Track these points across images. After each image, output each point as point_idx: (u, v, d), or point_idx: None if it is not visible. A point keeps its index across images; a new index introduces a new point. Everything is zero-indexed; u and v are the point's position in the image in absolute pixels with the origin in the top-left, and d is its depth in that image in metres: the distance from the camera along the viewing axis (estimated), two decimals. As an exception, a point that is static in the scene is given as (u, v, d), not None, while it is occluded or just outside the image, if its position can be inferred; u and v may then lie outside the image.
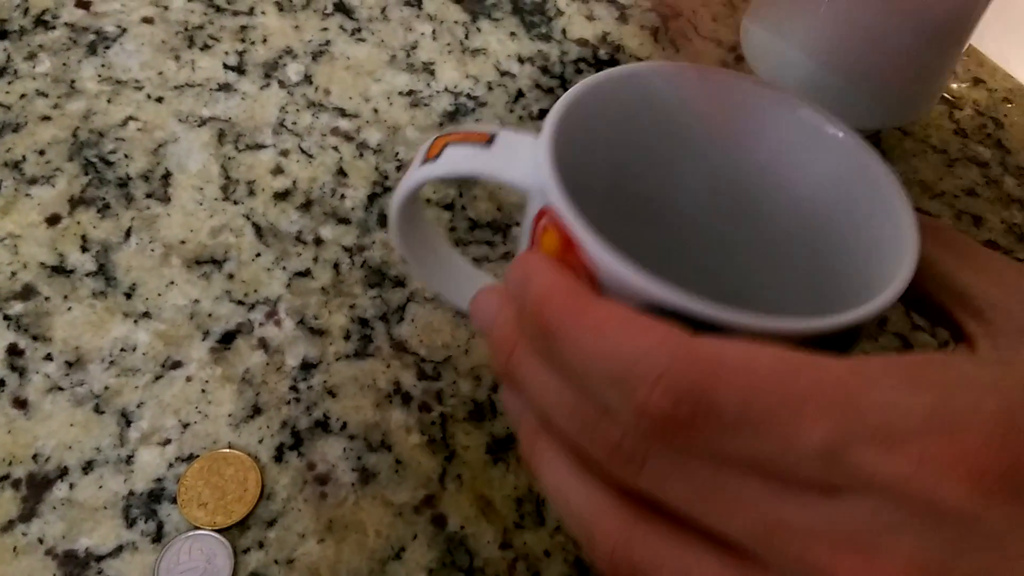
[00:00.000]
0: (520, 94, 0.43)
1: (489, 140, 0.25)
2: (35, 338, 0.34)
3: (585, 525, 0.20)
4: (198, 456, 0.32)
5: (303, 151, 0.40)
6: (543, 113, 0.42)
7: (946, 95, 0.47)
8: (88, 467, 0.31)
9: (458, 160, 0.25)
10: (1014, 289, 0.21)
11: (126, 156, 0.39)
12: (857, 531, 0.16)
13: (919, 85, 0.41)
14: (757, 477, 0.17)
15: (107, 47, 0.42)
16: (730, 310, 0.20)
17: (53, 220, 0.37)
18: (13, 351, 0.33)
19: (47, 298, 0.35)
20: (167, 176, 0.38)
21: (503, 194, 0.40)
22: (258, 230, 0.37)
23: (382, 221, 0.38)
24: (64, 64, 0.41)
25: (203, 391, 0.33)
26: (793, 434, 0.16)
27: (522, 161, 0.24)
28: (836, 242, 0.27)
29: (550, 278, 0.20)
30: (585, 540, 0.21)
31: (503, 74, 0.44)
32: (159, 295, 0.35)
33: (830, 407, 0.16)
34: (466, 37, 0.45)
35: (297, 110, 0.41)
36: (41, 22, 0.43)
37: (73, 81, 0.41)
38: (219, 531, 0.30)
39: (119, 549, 0.30)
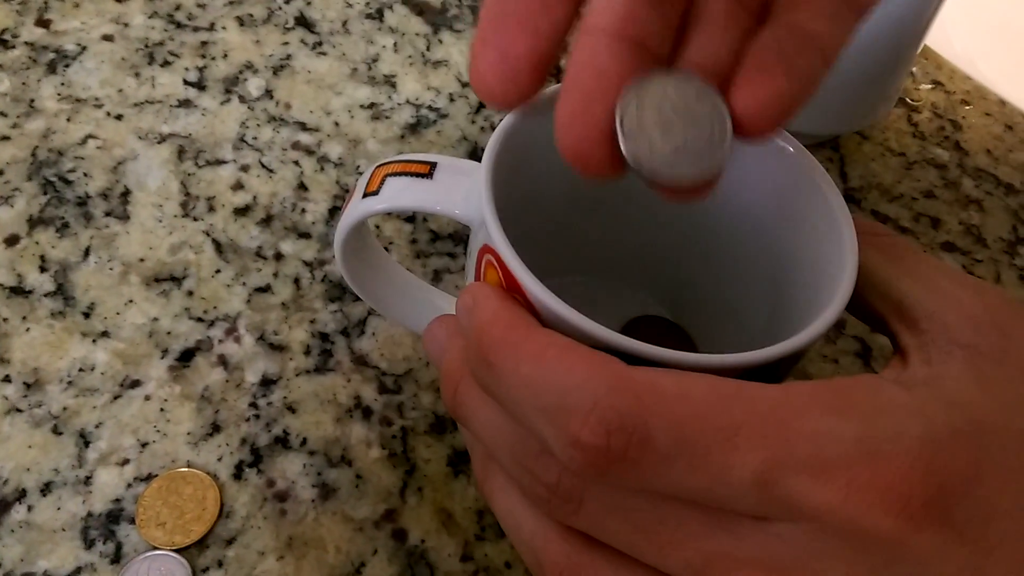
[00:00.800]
0: (481, 105, 0.43)
1: (430, 171, 0.25)
2: (-7, 360, 0.34)
3: (534, 551, 0.21)
4: (157, 475, 0.32)
5: (264, 166, 0.40)
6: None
7: (904, 98, 0.47)
8: (46, 489, 0.31)
9: (399, 193, 0.25)
10: (950, 299, 0.21)
11: (85, 175, 0.39)
12: (790, 559, 0.17)
13: (876, 89, 0.42)
14: (693, 510, 0.18)
15: (67, 65, 0.42)
16: (664, 349, 0.19)
17: (11, 240, 0.37)
18: (-29, 373, 0.33)
19: (5, 319, 0.35)
20: (126, 194, 0.38)
21: (464, 206, 0.40)
22: (218, 246, 0.37)
23: (343, 235, 0.38)
24: (23, 83, 0.41)
25: (162, 410, 0.33)
26: (726, 465, 0.16)
27: (463, 193, 0.24)
28: (784, 249, 0.27)
29: (493, 307, 0.20)
30: (534, 566, 0.21)
31: (464, 85, 0.44)
32: (118, 314, 0.35)
33: (761, 437, 0.17)
34: (428, 49, 0.46)
35: (258, 125, 0.41)
36: (0, 41, 0.43)
37: (32, 100, 0.41)
38: (178, 551, 0.30)
39: (78, 571, 0.30)
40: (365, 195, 0.26)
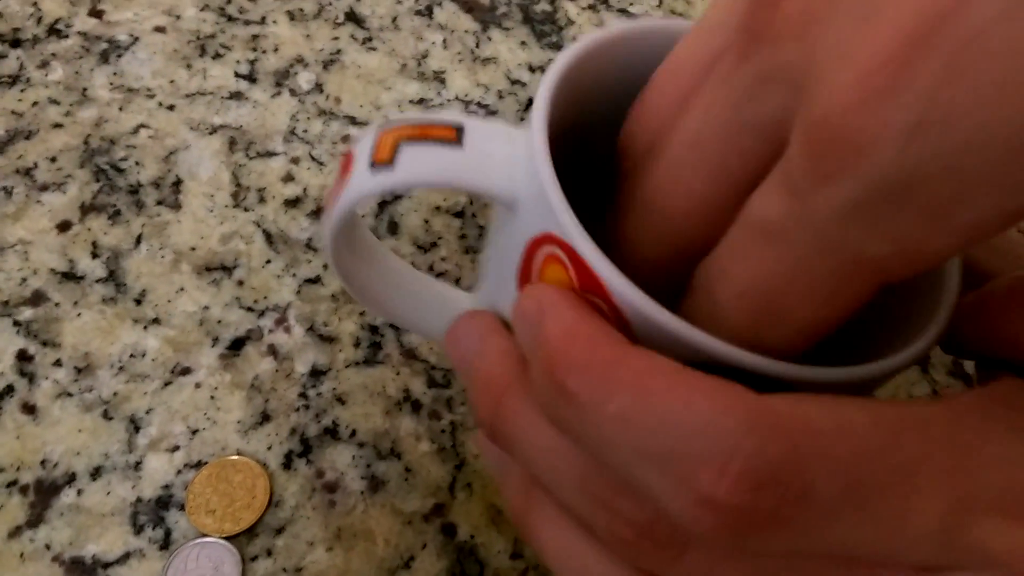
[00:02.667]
0: (531, 103, 0.43)
1: (457, 136, 0.19)
2: (44, 344, 0.34)
3: None
4: (206, 463, 0.31)
5: (314, 159, 0.40)
6: (554, 122, 0.42)
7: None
8: (96, 473, 0.31)
9: (423, 167, 0.19)
10: None
11: (137, 163, 0.39)
12: None
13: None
14: (842, 568, 0.14)
15: (119, 55, 0.42)
16: (792, 365, 0.16)
17: (64, 226, 0.37)
18: (22, 356, 0.33)
19: (57, 304, 0.35)
20: (178, 183, 0.38)
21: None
22: (268, 237, 0.37)
23: (392, 229, 0.38)
24: (76, 72, 0.42)
25: (212, 397, 0.33)
26: (906, 511, 0.13)
27: (504, 165, 0.19)
28: None
29: (569, 316, 0.16)
30: None
31: (514, 83, 0.44)
32: (169, 301, 0.35)
33: (946, 474, 0.14)
34: (477, 46, 0.45)
35: (308, 118, 0.41)
36: (54, 31, 0.43)
37: (85, 89, 0.41)
38: (227, 538, 0.30)
39: (126, 556, 0.30)
40: (373, 166, 0.20)
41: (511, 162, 0.19)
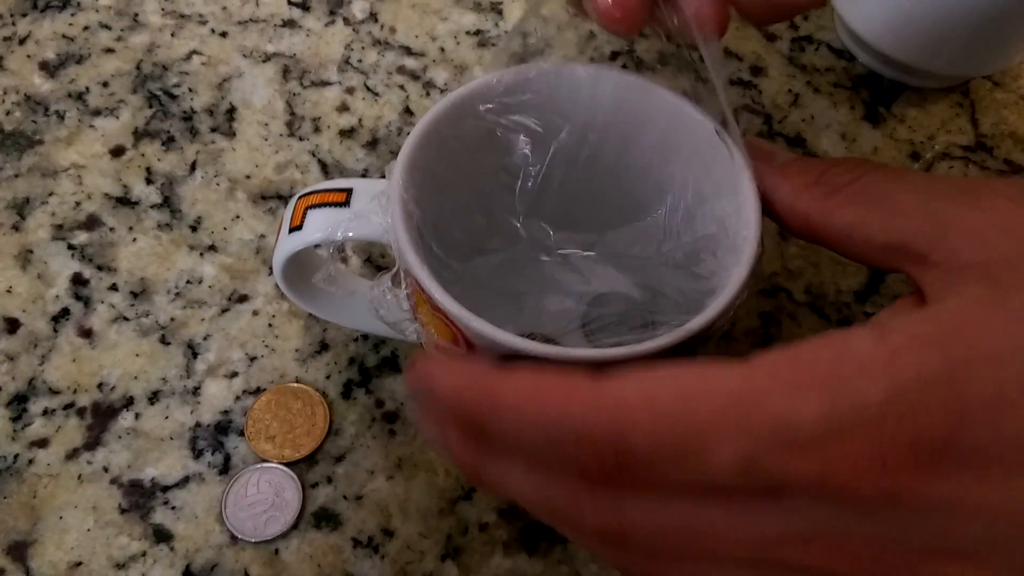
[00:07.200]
0: (591, 35, 0.42)
1: (347, 198, 0.25)
2: (99, 268, 0.33)
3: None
4: (265, 390, 0.31)
5: (369, 89, 0.39)
6: (615, 55, 0.41)
7: (1034, 47, 0.44)
8: (154, 397, 0.31)
9: (320, 226, 0.25)
10: (949, 220, 0.19)
11: (190, 90, 0.38)
12: (823, 526, 0.17)
13: (1011, 35, 0.39)
14: (716, 507, 0.17)
15: (170, -19, 0.41)
16: (586, 351, 0.21)
17: (117, 152, 0.36)
18: (78, 280, 0.33)
19: (112, 229, 0.34)
20: (232, 111, 0.38)
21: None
22: (324, 167, 0.36)
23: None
24: (127, -3, 0.41)
25: (270, 325, 0.32)
26: (707, 461, 0.16)
27: (382, 216, 0.24)
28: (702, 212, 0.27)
29: (453, 378, 0.19)
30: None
31: (573, 15, 0.43)
32: (224, 229, 0.34)
33: (728, 431, 0.16)
34: (534, -22, 0.44)
35: (363, 47, 0.40)
36: (104, -45, 0.42)
37: (136, 14, 0.40)
38: (287, 464, 0.29)
39: (186, 480, 0.29)
40: (291, 230, 0.26)
41: (386, 215, 0.24)
